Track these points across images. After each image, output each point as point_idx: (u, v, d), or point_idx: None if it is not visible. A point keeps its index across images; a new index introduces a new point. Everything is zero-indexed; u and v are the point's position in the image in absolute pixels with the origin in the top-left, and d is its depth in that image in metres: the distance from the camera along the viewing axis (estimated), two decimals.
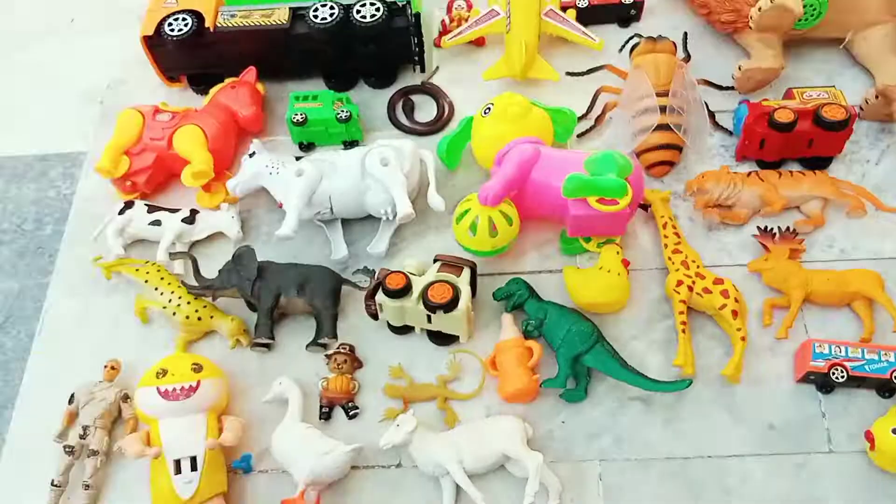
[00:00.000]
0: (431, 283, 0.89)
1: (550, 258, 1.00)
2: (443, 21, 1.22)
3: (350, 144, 1.12)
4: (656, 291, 0.95)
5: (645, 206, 0.99)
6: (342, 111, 1.08)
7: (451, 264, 0.93)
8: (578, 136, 1.09)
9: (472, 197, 0.93)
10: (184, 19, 1.11)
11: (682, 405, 0.88)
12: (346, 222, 1.05)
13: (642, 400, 0.88)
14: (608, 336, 0.90)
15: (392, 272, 0.91)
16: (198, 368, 0.89)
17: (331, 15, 1.08)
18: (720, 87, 1.09)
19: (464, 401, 0.91)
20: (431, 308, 0.88)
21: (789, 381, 0.88)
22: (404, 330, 0.96)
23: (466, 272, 0.93)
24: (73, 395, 0.92)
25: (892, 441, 0.77)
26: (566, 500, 0.83)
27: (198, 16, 1.12)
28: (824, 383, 0.85)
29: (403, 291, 0.89)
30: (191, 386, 0.87)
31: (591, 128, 1.09)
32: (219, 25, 1.11)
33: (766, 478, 0.83)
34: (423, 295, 0.89)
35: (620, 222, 0.91)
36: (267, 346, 0.95)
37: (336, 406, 0.92)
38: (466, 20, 1.19)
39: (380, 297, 0.91)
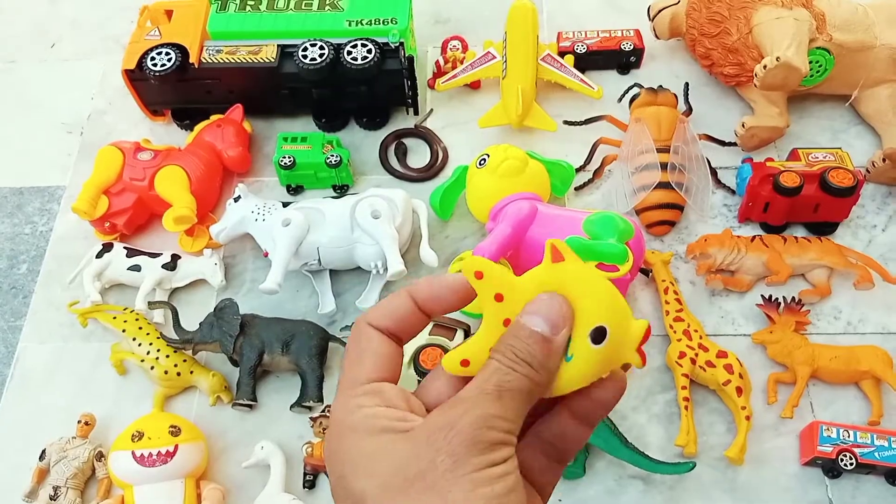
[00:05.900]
0: (423, 347, 0.86)
1: None
2: (437, 62, 1.18)
3: (340, 189, 1.08)
4: (657, 359, 0.91)
5: (646, 272, 0.95)
6: (332, 156, 1.03)
7: (443, 325, 0.89)
8: (576, 188, 1.05)
9: (466, 255, 0.89)
10: (167, 53, 1.06)
11: (683, 486, 0.84)
12: (334, 272, 1.00)
13: (642, 479, 0.84)
14: None
15: None
16: (176, 431, 0.85)
17: (320, 56, 1.03)
18: (723, 143, 1.05)
19: None
20: (423, 374, 0.84)
21: (794, 463, 0.84)
22: None
23: (460, 335, 0.89)
24: (44, 452, 0.87)
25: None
26: None
27: (182, 50, 1.07)
28: (832, 469, 0.81)
29: None
30: (168, 451, 0.83)
31: (590, 181, 1.04)
32: (204, 61, 1.06)
33: None
34: (415, 359, 0.85)
35: (620, 287, 0.87)
36: (249, 406, 0.91)
37: (321, 473, 0.87)
38: (461, 62, 1.14)
39: None
